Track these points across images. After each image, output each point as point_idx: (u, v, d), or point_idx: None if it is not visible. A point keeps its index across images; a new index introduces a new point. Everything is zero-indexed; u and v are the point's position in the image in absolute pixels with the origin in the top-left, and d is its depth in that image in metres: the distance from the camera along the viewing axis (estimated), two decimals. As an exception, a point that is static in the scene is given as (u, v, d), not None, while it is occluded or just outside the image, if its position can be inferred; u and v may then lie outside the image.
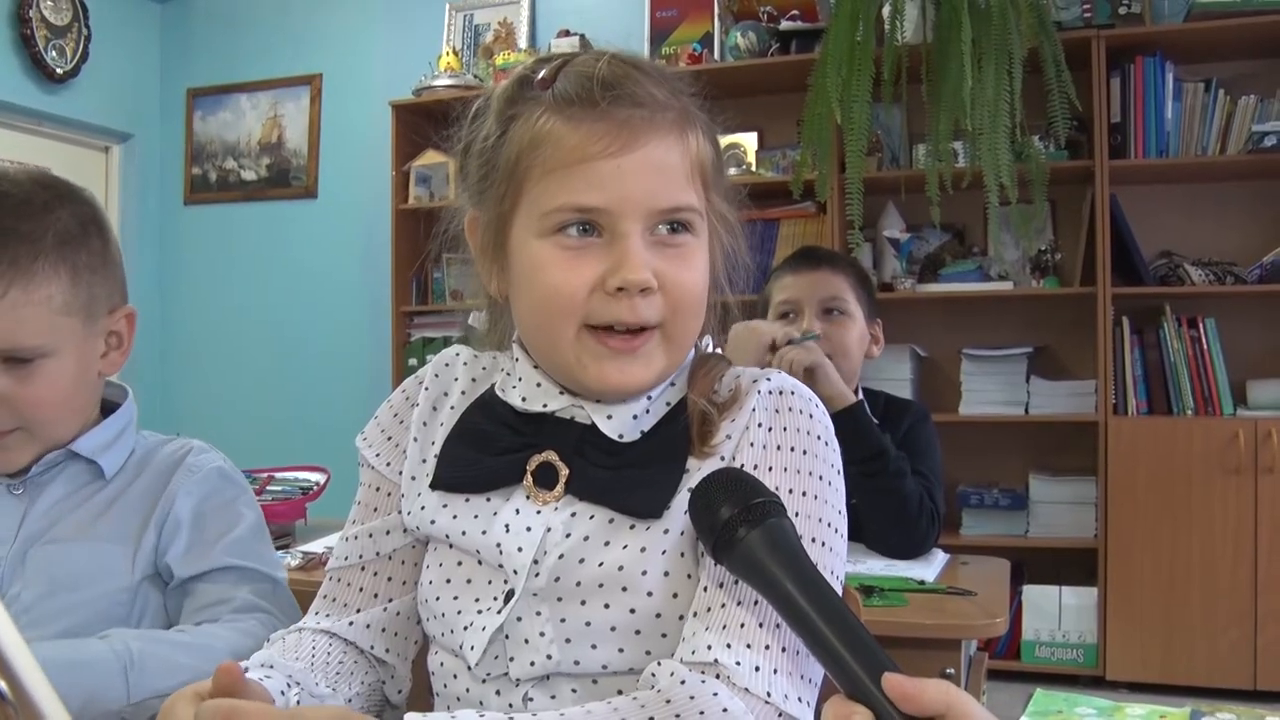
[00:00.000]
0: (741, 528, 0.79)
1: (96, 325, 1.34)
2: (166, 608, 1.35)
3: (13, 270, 1.24)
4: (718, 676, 0.86)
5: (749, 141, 4.49)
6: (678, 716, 0.82)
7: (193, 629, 1.28)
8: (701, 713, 0.83)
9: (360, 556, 1.09)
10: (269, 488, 2.69)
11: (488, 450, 1.03)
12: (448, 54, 4.92)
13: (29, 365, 1.27)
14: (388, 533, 1.08)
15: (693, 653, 0.88)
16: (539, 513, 0.99)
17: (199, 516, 1.35)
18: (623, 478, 0.98)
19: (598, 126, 0.94)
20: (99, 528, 1.32)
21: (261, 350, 5.42)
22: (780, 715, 0.86)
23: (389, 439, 1.11)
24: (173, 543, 1.33)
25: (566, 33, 4.62)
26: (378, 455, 1.10)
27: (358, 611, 1.08)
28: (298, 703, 0.93)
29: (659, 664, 0.88)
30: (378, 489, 1.10)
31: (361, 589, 1.09)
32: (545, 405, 1.02)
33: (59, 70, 5.01)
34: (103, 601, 1.29)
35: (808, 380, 2.13)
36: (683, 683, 0.85)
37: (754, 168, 4.45)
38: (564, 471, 1.00)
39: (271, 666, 0.96)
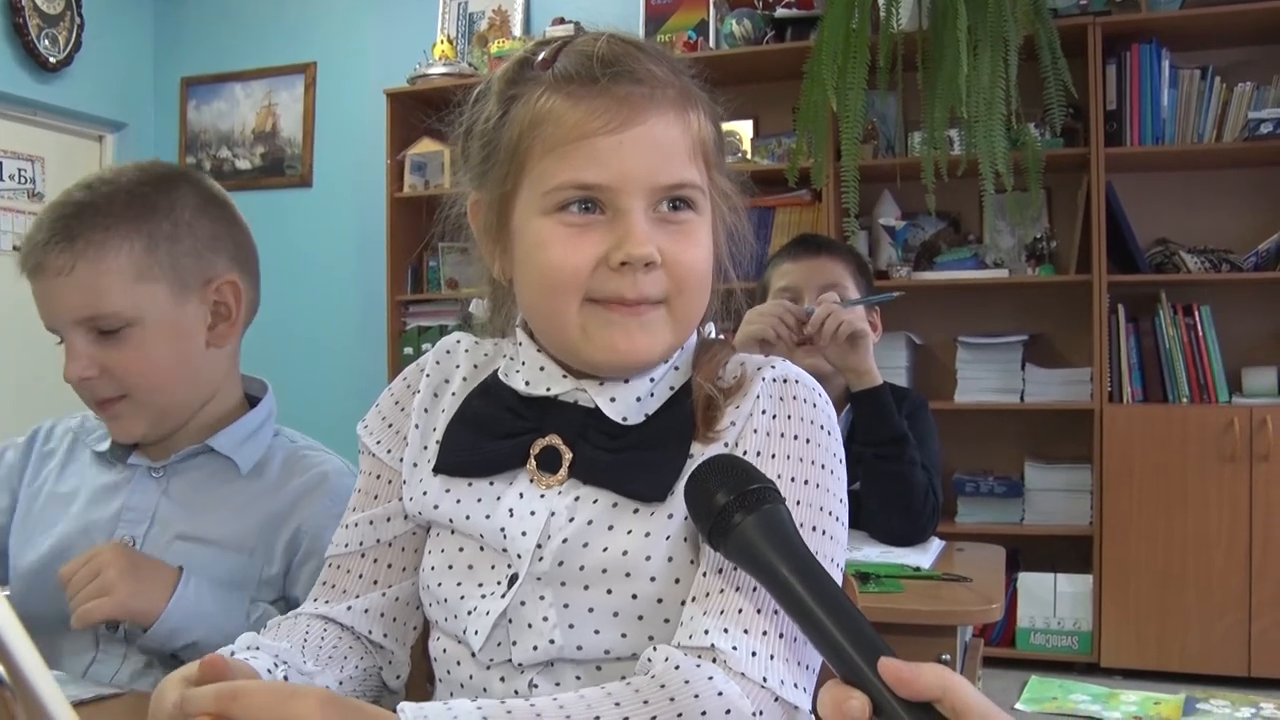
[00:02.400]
0: (737, 514, 0.79)
1: (190, 295, 1.37)
2: None
3: (83, 242, 1.29)
4: (714, 661, 0.86)
5: (744, 129, 4.49)
6: (672, 700, 0.82)
7: None
8: (696, 696, 0.83)
9: (360, 543, 1.09)
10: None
11: (491, 434, 1.03)
12: (442, 42, 4.91)
13: (118, 334, 1.32)
14: (389, 520, 1.08)
15: (690, 637, 0.88)
16: (542, 496, 0.99)
17: (317, 552, 1.35)
18: (626, 461, 0.98)
19: (598, 103, 0.94)
20: (238, 532, 1.36)
21: (256, 338, 5.37)
22: (776, 700, 0.86)
23: (390, 426, 1.11)
24: (308, 561, 1.36)
25: (561, 20, 4.61)
26: (379, 442, 1.10)
27: (356, 597, 1.08)
28: (285, 679, 0.93)
29: (655, 649, 0.88)
30: (378, 476, 1.10)
31: (361, 576, 1.08)
32: (549, 389, 1.02)
33: (52, 59, 4.99)
34: (228, 606, 1.32)
35: (848, 349, 2.14)
36: (677, 668, 0.85)
37: (749, 155, 4.45)
38: (567, 455, 1.00)
39: (258, 648, 0.96)
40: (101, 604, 1.20)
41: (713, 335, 1.09)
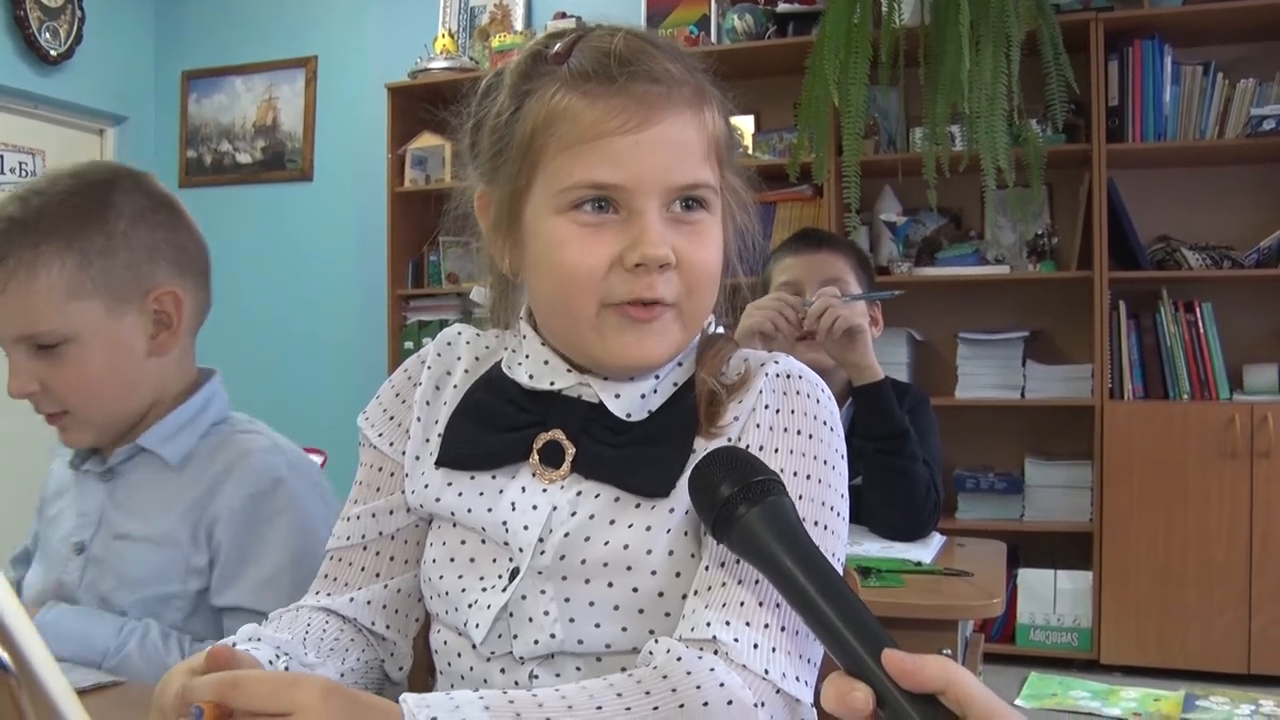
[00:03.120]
0: (741, 505, 0.79)
1: (128, 307, 1.35)
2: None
3: (13, 262, 1.28)
4: (716, 653, 0.86)
5: (746, 124, 4.48)
6: (674, 692, 0.82)
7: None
8: (698, 687, 0.83)
9: (362, 536, 1.09)
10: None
11: (493, 427, 1.03)
12: (444, 36, 4.91)
13: (55, 350, 1.31)
14: (390, 512, 1.08)
15: (692, 630, 0.88)
16: (545, 491, 0.99)
17: (235, 544, 1.35)
18: (629, 457, 0.98)
19: (615, 102, 0.94)
20: (165, 527, 1.35)
21: (257, 333, 5.40)
22: (778, 693, 0.86)
23: (391, 418, 1.10)
24: (215, 563, 1.35)
25: (563, 15, 4.61)
26: (380, 435, 1.10)
27: (358, 589, 1.07)
28: (287, 670, 0.93)
29: (656, 641, 0.88)
30: (379, 468, 1.10)
31: (363, 568, 1.08)
32: (553, 383, 1.02)
33: (53, 52, 4.99)
34: (158, 604, 1.34)
35: (846, 344, 2.13)
36: (679, 659, 0.85)
37: (750, 151, 4.44)
38: (570, 450, 1.00)
39: (259, 639, 0.96)
40: None
41: (715, 330, 1.09)
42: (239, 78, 5.53)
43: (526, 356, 1.04)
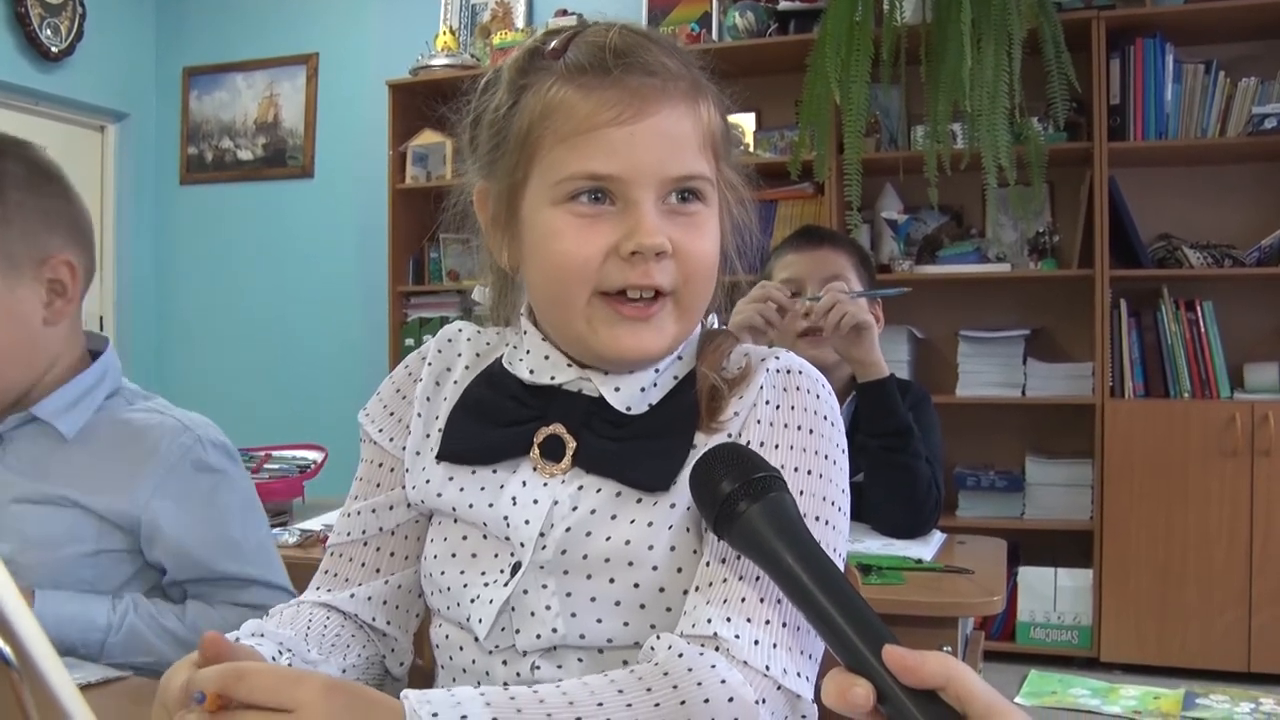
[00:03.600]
0: (742, 501, 0.79)
1: (23, 276, 1.35)
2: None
3: None
4: (716, 649, 0.86)
5: (747, 122, 4.47)
6: (675, 688, 0.83)
7: (183, 615, 1.36)
8: (699, 684, 0.83)
9: (363, 532, 1.09)
10: (266, 466, 2.71)
11: (494, 422, 1.03)
12: (445, 33, 4.90)
13: None
14: (390, 508, 1.08)
15: (693, 626, 0.89)
16: (546, 485, 0.99)
17: (180, 525, 1.36)
18: (630, 450, 0.98)
19: (610, 94, 0.94)
20: (65, 491, 1.34)
21: (258, 330, 5.41)
22: (779, 689, 0.86)
23: (391, 414, 1.11)
24: (155, 544, 1.36)
25: (564, 12, 4.61)
26: (380, 430, 1.10)
27: (359, 585, 1.08)
28: (289, 665, 0.93)
29: (657, 637, 0.89)
30: (380, 464, 1.10)
31: (363, 564, 1.09)
32: (553, 378, 1.02)
33: (54, 49, 4.99)
34: (70, 563, 1.33)
35: (853, 339, 2.14)
36: (680, 655, 0.85)
37: (752, 148, 4.44)
38: (571, 444, 1.00)
39: (262, 635, 0.96)
40: None
41: (714, 325, 1.09)
42: (240, 74, 5.53)
43: (527, 352, 1.04)
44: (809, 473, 0.97)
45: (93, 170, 5.41)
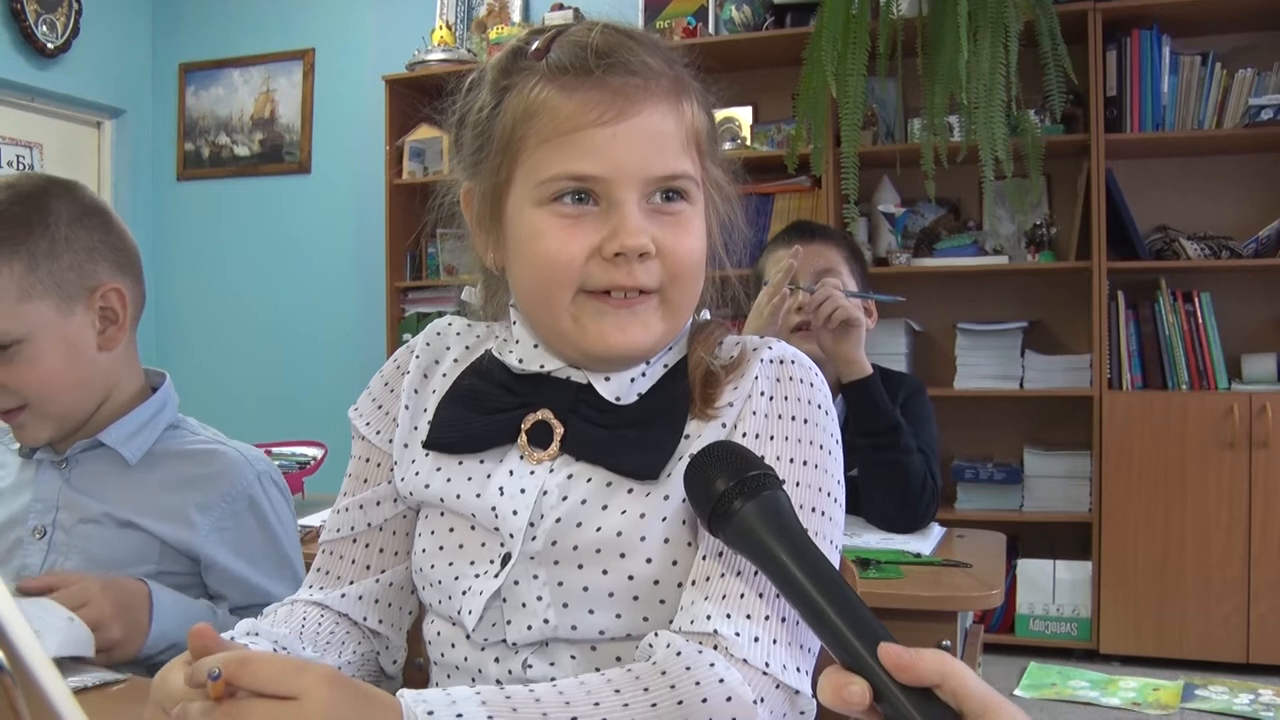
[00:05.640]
0: (737, 500, 0.79)
1: (76, 305, 1.42)
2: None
3: None
4: (715, 647, 0.86)
5: (744, 115, 4.47)
6: (673, 688, 0.82)
7: None
8: (698, 683, 0.83)
9: (352, 529, 1.09)
10: (265, 463, 2.69)
11: (481, 410, 1.03)
12: (441, 28, 4.90)
13: (8, 351, 1.37)
14: (378, 503, 1.08)
15: (691, 622, 0.89)
16: (533, 472, 0.99)
17: (240, 557, 1.44)
18: (620, 438, 0.98)
19: (592, 95, 0.94)
20: (130, 515, 1.42)
21: (256, 326, 5.41)
22: (779, 686, 0.86)
23: (380, 408, 1.11)
24: (212, 574, 1.44)
25: (560, 6, 4.60)
26: (368, 424, 1.11)
27: (350, 584, 1.08)
28: None
29: (655, 635, 0.88)
30: (368, 459, 1.10)
31: (353, 561, 1.09)
32: (542, 365, 1.02)
33: (50, 45, 4.98)
34: None
35: (839, 336, 2.14)
36: (679, 654, 0.85)
37: (748, 142, 4.44)
38: (559, 429, 1.00)
39: (257, 634, 0.96)
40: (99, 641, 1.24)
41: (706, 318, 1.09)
42: (236, 70, 5.52)
43: (517, 342, 1.04)
44: (804, 463, 0.97)
45: (89, 167, 5.40)
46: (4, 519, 1.46)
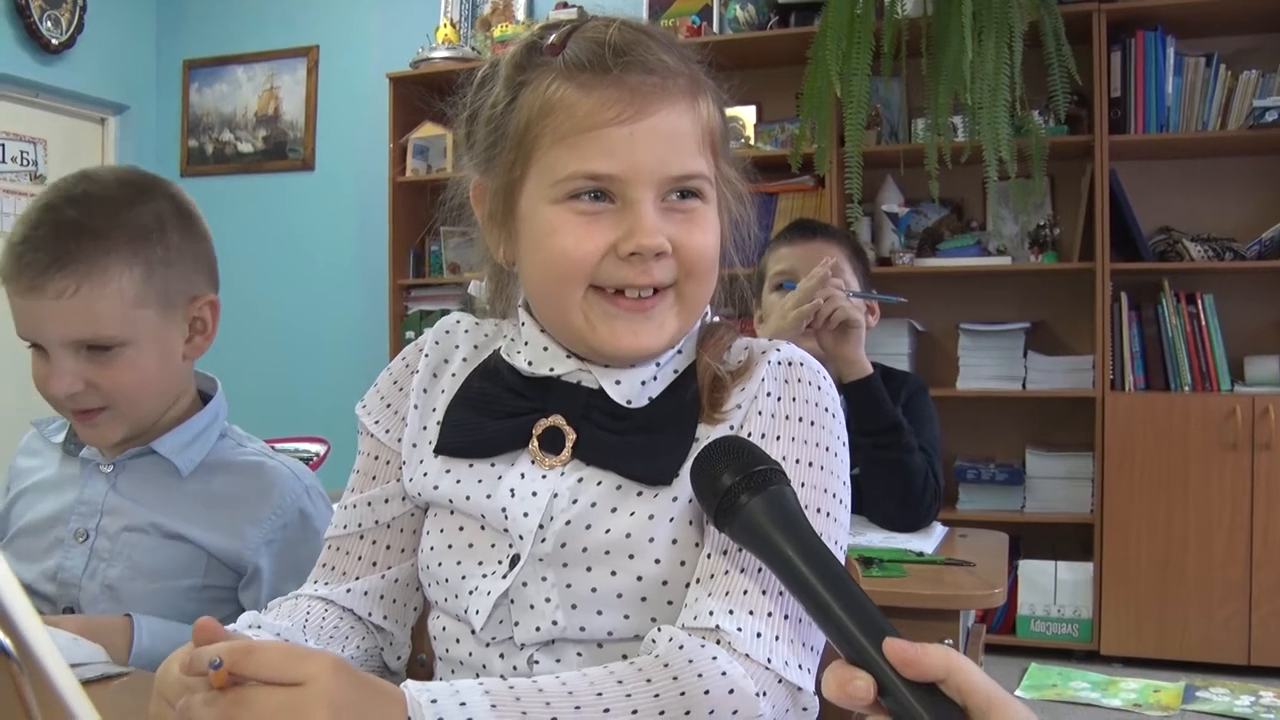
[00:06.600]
0: (743, 495, 0.79)
1: (176, 314, 1.43)
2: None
3: (85, 267, 1.33)
4: (718, 642, 0.86)
5: (748, 115, 4.47)
6: (675, 680, 0.83)
7: None
8: (700, 675, 0.83)
9: (359, 525, 1.09)
10: (268, 459, 2.70)
11: (492, 414, 1.03)
12: (445, 26, 4.90)
13: (109, 352, 1.36)
14: (386, 501, 1.08)
15: (694, 618, 0.89)
16: (544, 477, 0.99)
17: (282, 571, 1.42)
18: (631, 443, 0.98)
19: (610, 93, 0.94)
20: (179, 526, 1.41)
21: (259, 322, 5.40)
22: (780, 682, 0.86)
23: (389, 406, 1.10)
24: (251, 587, 1.42)
25: (564, 4, 4.60)
26: (377, 423, 1.10)
27: (356, 579, 1.07)
28: None
29: (659, 630, 0.88)
30: (376, 457, 1.10)
31: (360, 557, 1.08)
32: (552, 369, 1.02)
33: (54, 41, 4.98)
34: (175, 595, 1.39)
35: (839, 336, 2.14)
36: (681, 647, 0.85)
37: (752, 141, 4.44)
38: (571, 436, 1.00)
39: (259, 626, 0.96)
40: None
41: (713, 319, 1.09)
42: (240, 67, 5.52)
43: (526, 344, 1.04)
44: (810, 464, 0.97)
45: (93, 163, 5.38)
46: (46, 515, 1.44)
